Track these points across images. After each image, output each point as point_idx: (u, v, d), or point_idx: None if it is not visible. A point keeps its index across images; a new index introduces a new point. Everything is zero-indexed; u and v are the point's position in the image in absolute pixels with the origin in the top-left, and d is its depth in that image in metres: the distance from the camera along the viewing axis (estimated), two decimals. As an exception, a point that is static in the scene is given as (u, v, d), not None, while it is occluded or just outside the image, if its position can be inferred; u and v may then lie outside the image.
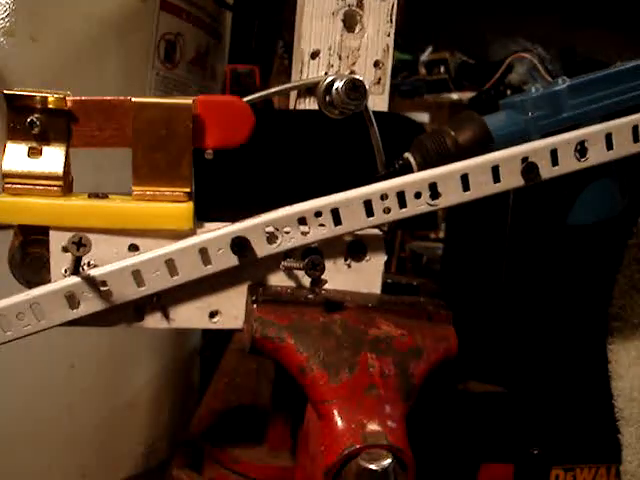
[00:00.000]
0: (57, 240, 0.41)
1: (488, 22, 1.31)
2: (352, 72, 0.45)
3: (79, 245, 0.37)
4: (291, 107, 0.47)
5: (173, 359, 1.00)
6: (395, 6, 0.45)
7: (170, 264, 0.41)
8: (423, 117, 1.15)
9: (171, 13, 0.90)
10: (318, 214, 0.42)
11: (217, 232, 0.41)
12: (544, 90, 0.47)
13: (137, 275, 0.41)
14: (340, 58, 0.45)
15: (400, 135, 0.46)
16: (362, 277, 0.45)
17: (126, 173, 0.42)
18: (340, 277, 0.45)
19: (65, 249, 0.41)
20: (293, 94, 0.46)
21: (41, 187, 0.41)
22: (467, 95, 1.21)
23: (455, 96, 1.20)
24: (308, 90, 0.45)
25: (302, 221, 0.42)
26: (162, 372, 0.99)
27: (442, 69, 1.22)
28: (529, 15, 1.34)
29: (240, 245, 0.41)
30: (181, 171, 0.42)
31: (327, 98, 0.43)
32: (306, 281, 0.44)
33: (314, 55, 0.45)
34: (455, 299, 0.50)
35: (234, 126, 0.43)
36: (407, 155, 0.44)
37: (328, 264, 0.44)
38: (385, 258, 0.45)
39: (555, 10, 1.35)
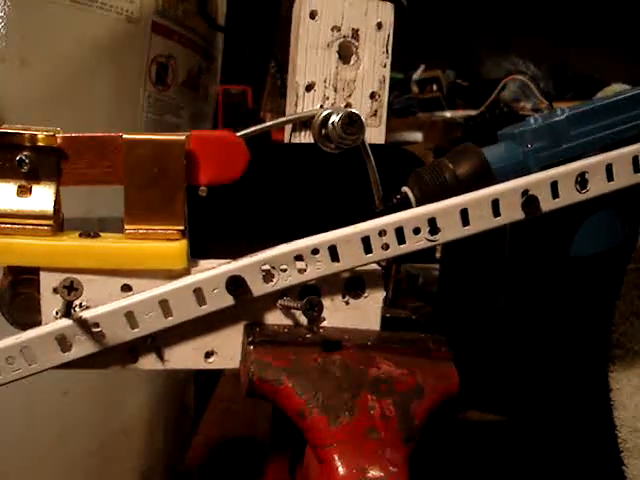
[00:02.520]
0: (48, 281, 0.40)
1: (479, 40, 1.31)
2: (348, 104, 0.45)
3: (70, 289, 0.36)
4: (286, 140, 0.46)
5: (167, 384, 0.99)
6: (391, 37, 0.44)
7: (164, 305, 0.40)
8: (416, 136, 1.15)
9: (162, 35, 0.89)
10: (315, 251, 0.41)
11: (212, 271, 0.40)
12: (543, 121, 0.46)
13: (130, 316, 0.40)
14: (336, 90, 0.44)
15: (398, 168, 0.45)
16: (361, 314, 0.44)
17: (119, 197, 0.41)
18: (338, 314, 0.44)
19: (56, 291, 0.40)
20: (288, 127, 0.46)
21: (31, 227, 0.40)
22: (460, 113, 1.21)
23: (448, 114, 1.20)
24: (304, 124, 0.44)
25: (299, 258, 0.41)
26: (156, 397, 0.97)
27: (434, 87, 1.22)
28: (520, 33, 1.34)
29: (236, 284, 0.40)
30: (174, 208, 0.41)
31: (323, 131, 0.43)
32: (304, 319, 0.43)
33: (309, 87, 0.44)
34: (452, 324, 0.49)
35: (228, 162, 0.42)
36: (405, 189, 0.43)
37: (326, 301, 0.44)
38: (384, 294, 0.44)
39: (545, 28, 1.35)
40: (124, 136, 0.40)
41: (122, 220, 0.42)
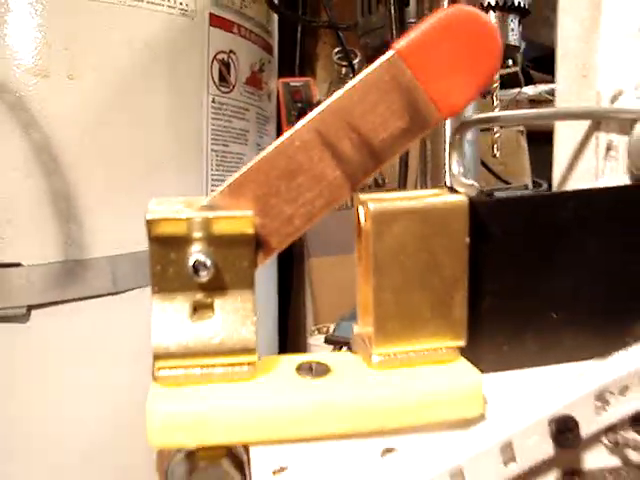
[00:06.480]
0: (264, 460, 0.24)
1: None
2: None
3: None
4: (556, 179, 0.31)
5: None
6: None
7: (457, 476, 0.24)
8: (503, 118, 0.99)
9: (221, 28, 0.72)
10: (674, 359, 0.26)
11: (528, 414, 0.25)
12: None
13: (403, 501, 0.24)
14: (648, 98, 0.28)
15: None
16: None
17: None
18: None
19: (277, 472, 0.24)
20: (564, 161, 0.30)
21: (220, 369, 0.24)
22: (542, 88, 1.05)
23: (530, 91, 1.04)
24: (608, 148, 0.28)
25: (647, 372, 0.26)
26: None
27: (509, 62, 1.05)
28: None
29: (565, 428, 0.25)
30: (452, 315, 0.25)
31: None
32: (631, 454, 0.28)
33: (614, 98, 0.28)
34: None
35: (477, 61, 0.24)
36: None
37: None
38: None
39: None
40: (373, 207, 0.24)
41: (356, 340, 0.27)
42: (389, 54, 0.24)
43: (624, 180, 0.28)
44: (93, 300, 0.67)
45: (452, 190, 0.25)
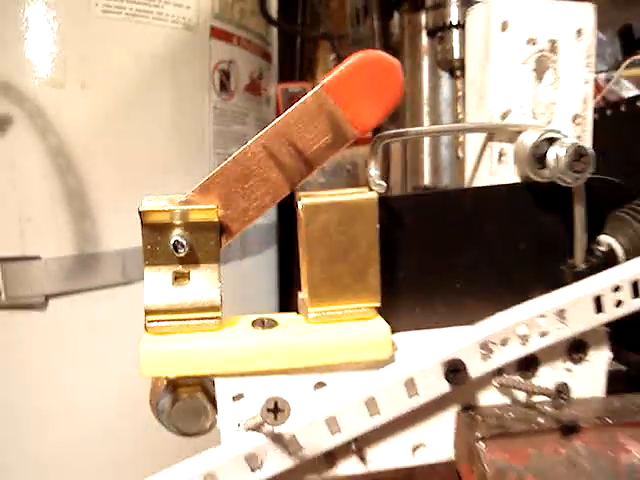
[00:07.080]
0: (225, 388, 0.33)
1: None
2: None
3: (276, 411, 0.29)
4: (467, 175, 0.38)
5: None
6: (593, 46, 0.36)
7: (371, 404, 0.33)
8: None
9: (222, 40, 0.81)
10: (540, 319, 0.34)
11: (426, 358, 0.33)
12: None
13: (332, 422, 0.32)
14: (535, 116, 0.36)
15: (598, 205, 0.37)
16: (583, 380, 0.37)
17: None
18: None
19: (256, 426, 0.32)
20: (471, 160, 0.38)
21: (194, 322, 0.33)
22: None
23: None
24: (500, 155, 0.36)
25: (522, 329, 0.34)
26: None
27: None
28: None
29: (454, 369, 0.33)
30: (368, 282, 0.33)
31: (535, 154, 0.34)
32: (521, 395, 0.36)
33: (504, 116, 0.36)
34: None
35: (382, 86, 0.32)
36: (609, 241, 0.36)
37: (544, 370, 0.36)
38: (609, 355, 0.37)
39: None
40: (303, 202, 0.32)
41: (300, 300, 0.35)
42: (317, 87, 0.32)
43: (514, 179, 0.36)
44: (105, 290, 0.74)
45: (370, 189, 0.34)
